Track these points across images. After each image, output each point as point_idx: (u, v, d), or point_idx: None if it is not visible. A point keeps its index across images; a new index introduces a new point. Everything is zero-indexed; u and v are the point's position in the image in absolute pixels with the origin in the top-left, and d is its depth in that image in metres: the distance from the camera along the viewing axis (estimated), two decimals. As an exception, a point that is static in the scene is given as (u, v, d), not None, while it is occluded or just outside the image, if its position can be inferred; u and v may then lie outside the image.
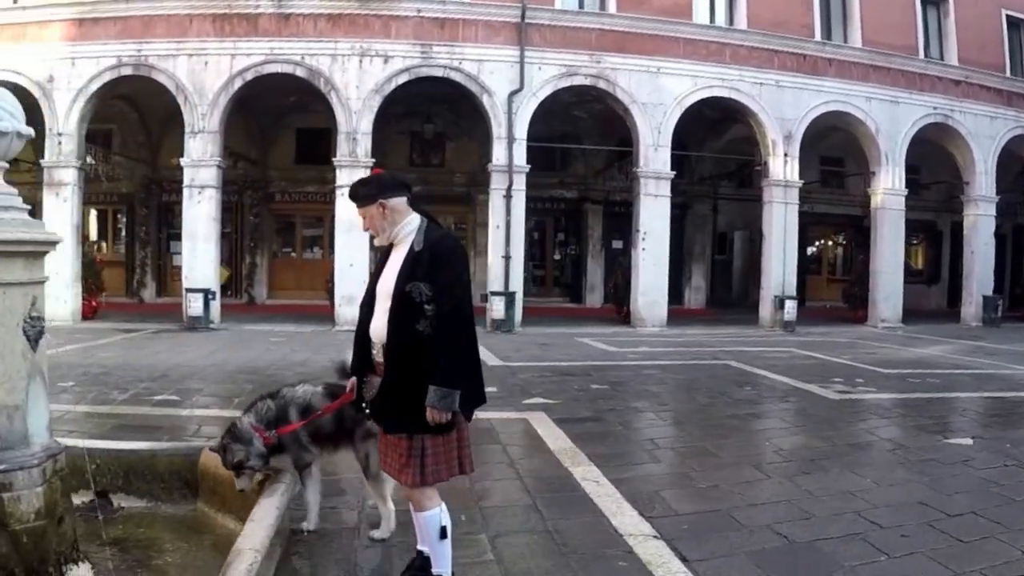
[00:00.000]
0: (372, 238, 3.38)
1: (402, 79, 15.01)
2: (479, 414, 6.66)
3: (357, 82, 14.77)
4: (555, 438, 6.23)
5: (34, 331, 3.27)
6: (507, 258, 15.80)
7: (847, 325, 18.83)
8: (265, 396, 3.97)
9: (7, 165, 3.32)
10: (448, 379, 2.96)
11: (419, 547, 3.31)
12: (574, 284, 23.79)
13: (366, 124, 14.84)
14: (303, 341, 13.09)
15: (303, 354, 11.35)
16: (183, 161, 15.23)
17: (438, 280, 3.01)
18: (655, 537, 4.04)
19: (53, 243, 3.42)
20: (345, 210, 14.65)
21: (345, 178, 14.77)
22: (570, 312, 21.08)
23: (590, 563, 3.72)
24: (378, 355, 3.21)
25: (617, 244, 22.47)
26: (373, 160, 14.98)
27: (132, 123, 20.66)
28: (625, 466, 5.50)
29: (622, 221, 20.97)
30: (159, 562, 3.63)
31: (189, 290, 15.02)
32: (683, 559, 3.75)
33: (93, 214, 22.61)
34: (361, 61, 14.82)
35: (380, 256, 3.38)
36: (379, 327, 3.18)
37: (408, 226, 3.19)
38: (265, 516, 3.43)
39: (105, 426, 6.32)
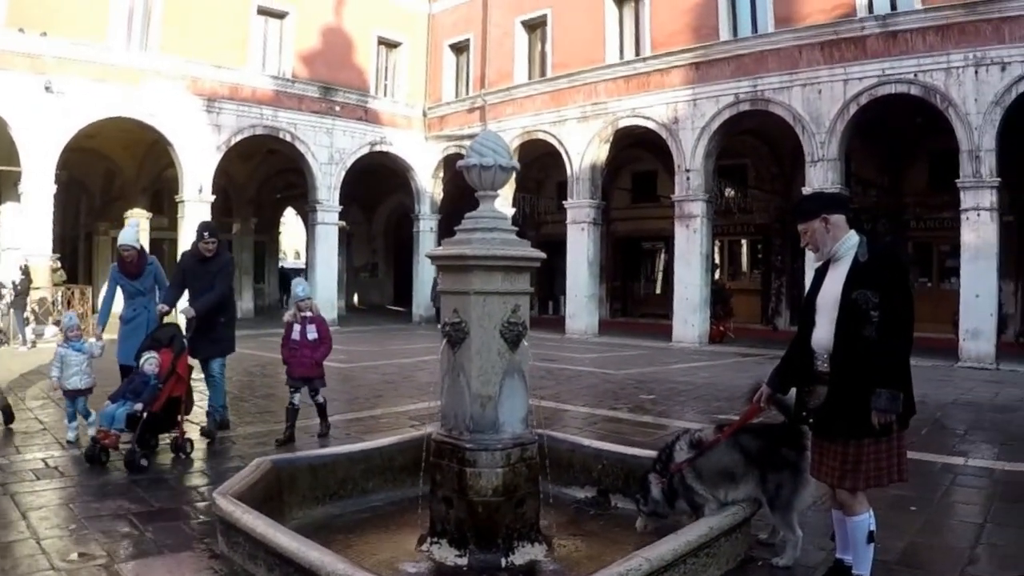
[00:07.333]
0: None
1: (1023, 87, 12.64)
2: None
3: (975, 95, 12.97)
4: None
5: (511, 334, 3.81)
6: None
7: None
8: (672, 440, 4.08)
9: (498, 194, 3.97)
10: (893, 381, 3.15)
11: (838, 555, 3.50)
12: None
13: (988, 140, 12.90)
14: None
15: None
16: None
17: (884, 286, 3.23)
18: None
19: (533, 259, 3.93)
20: (971, 235, 13.09)
21: (969, 201, 13.10)
22: None
23: None
24: (822, 364, 3.39)
25: None
26: (999, 180, 12.94)
27: (763, 157, 21.66)
28: None
29: None
30: (611, 557, 3.67)
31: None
32: None
33: (723, 245, 24.29)
34: (976, 71, 12.97)
35: (816, 273, 3.62)
36: (822, 337, 3.40)
37: (848, 242, 3.43)
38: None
39: (648, 435, 6.83)
